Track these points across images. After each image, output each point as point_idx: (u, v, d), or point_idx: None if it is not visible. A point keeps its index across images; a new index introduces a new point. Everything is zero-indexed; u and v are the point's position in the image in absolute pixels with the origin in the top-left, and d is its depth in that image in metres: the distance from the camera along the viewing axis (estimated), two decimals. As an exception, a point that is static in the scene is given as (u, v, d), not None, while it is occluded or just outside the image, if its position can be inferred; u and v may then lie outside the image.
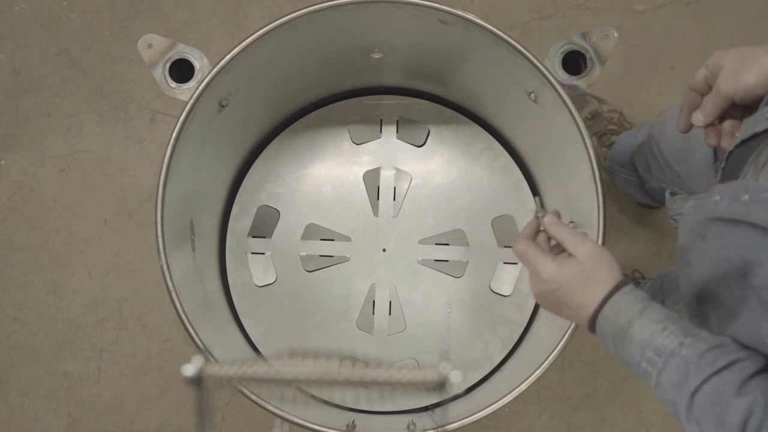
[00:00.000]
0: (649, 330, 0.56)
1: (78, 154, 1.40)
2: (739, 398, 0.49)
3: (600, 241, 0.83)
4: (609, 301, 0.60)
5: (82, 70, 1.41)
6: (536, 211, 0.71)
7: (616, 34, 0.87)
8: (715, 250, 0.57)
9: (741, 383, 0.50)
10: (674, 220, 0.72)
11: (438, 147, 1.15)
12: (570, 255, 0.64)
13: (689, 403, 0.52)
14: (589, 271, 0.62)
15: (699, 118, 0.67)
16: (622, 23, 1.39)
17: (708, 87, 0.67)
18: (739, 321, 0.54)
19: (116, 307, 1.38)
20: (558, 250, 0.68)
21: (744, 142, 0.61)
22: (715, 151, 0.79)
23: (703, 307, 0.63)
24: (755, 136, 0.59)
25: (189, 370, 0.40)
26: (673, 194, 0.75)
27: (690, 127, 0.70)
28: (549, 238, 0.70)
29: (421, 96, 1.15)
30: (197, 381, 0.40)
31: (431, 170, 1.14)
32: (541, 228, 0.70)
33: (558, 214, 0.70)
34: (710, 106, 0.66)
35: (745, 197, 0.52)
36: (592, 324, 0.62)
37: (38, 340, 1.38)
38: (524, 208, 1.13)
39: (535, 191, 1.13)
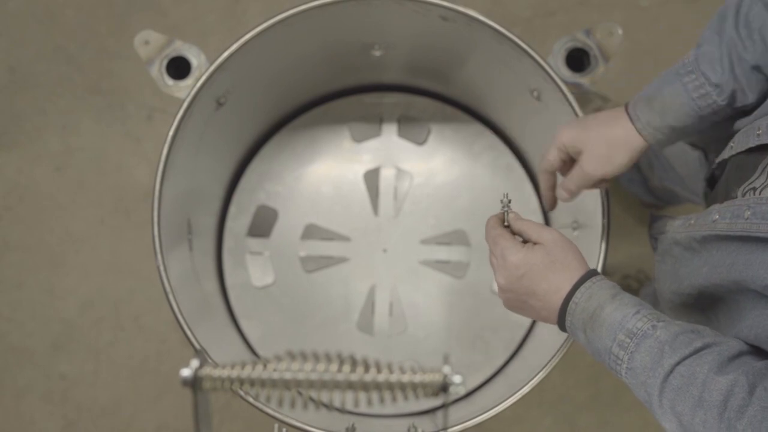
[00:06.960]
0: (621, 312, 0.54)
1: (74, 152, 1.39)
2: (719, 376, 0.47)
3: (604, 242, 0.82)
4: (581, 287, 0.57)
5: (78, 67, 1.40)
6: (505, 206, 0.70)
7: (620, 31, 0.86)
8: (716, 259, 0.56)
9: (720, 363, 0.48)
10: (654, 239, 0.70)
11: (439, 145, 1.13)
12: (535, 243, 0.62)
13: (663, 384, 0.49)
14: (556, 255, 0.60)
15: (565, 196, 0.73)
16: (627, 20, 1.38)
17: (563, 164, 0.72)
18: (743, 323, 0.53)
19: (113, 307, 1.37)
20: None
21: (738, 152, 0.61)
22: (706, 154, 0.79)
23: (692, 318, 0.61)
24: (749, 150, 0.59)
25: (186, 372, 0.39)
26: (658, 214, 0.75)
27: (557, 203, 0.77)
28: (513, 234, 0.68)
29: (423, 93, 1.14)
30: (195, 383, 0.39)
31: (432, 169, 1.13)
32: (506, 223, 0.68)
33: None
34: (577, 185, 0.71)
35: (747, 213, 0.51)
36: (563, 312, 0.59)
37: (33, 341, 1.37)
38: (527, 208, 1.11)
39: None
